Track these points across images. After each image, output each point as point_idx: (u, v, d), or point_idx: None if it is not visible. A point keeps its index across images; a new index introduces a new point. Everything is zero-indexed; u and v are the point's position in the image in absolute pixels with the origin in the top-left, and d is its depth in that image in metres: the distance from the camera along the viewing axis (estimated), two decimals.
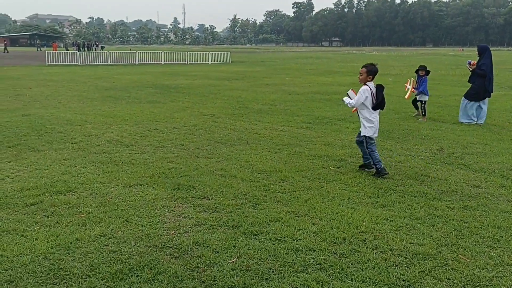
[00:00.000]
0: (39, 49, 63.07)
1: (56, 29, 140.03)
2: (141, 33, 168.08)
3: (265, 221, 4.30)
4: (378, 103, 5.76)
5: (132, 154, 6.86)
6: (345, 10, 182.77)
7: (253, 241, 3.89)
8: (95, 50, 60.08)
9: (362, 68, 5.83)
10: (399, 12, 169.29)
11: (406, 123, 10.02)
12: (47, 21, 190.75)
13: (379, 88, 5.77)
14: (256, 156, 6.79)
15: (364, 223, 4.29)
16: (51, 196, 4.90)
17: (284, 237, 3.97)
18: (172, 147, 7.37)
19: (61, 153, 6.87)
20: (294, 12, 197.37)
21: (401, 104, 12.55)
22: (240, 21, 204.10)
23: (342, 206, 4.75)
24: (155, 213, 4.47)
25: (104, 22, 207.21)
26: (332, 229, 4.16)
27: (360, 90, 5.82)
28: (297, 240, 3.91)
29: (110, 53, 37.76)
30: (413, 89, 10.29)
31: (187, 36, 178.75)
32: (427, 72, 10.42)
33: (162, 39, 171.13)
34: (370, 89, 5.76)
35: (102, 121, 9.73)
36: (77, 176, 5.65)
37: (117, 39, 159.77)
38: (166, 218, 4.36)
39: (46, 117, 10.11)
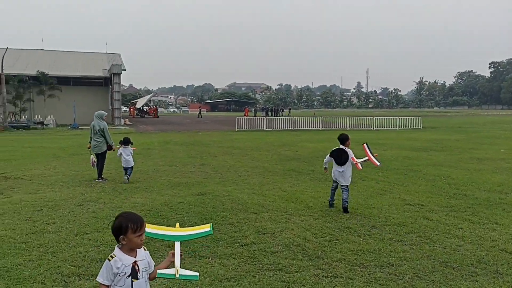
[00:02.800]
0: (255, 114, 68.87)
1: (249, 95, 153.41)
2: (325, 97, 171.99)
3: None
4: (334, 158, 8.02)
5: (319, 278, 4.71)
6: None
7: None
8: (282, 115, 62.42)
9: None
10: None
11: None
12: (243, 89, 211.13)
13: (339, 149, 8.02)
14: None
15: None
16: None
17: None
18: (376, 269, 4.99)
19: (226, 264, 5.12)
20: (490, 73, 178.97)
21: None
22: (427, 83, 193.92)
23: None
24: None
25: (292, 88, 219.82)
26: None
27: None
28: None
29: (295, 118, 37.85)
30: None
31: (370, 100, 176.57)
32: None
33: (345, 103, 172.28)
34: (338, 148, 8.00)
35: (282, 208, 7.95)
36: None
37: (303, 103, 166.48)
38: None
39: (221, 197, 8.83)
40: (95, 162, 11.53)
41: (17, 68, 43.31)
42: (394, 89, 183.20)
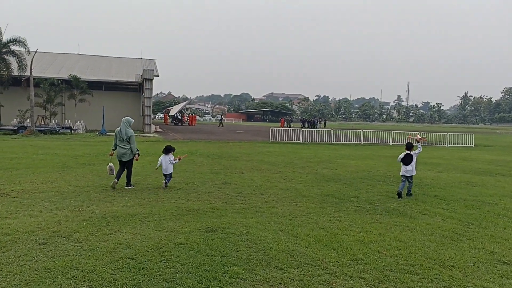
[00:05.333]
0: (288, 125, 66.91)
1: (286, 106, 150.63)
2: (364, 110, 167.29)
3: None
4: (402, 159, 10.45)
5: None
6: None
7: None
8: (318, 127, 59.80)
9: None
10: None
11: None
12: (280, 99, 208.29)
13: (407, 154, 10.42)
14: None
15: None
16: None
17: None
18: None
19: None
20: None
21: None
22: (472, 98, 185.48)
23: None
24: None
25: (329, 99, 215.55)
26: None
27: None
28: None
29: (333, 131, 35.20)
30: None
31: (410, 114, 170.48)
32: None
33: (384, 116, 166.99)
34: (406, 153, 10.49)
35: (319, 260, 5.59)
36: None
37: (340, 116, 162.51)
38: None
39: (237, 236, 6.56)
40: (112, 169, 11.04)
41: (51, 71, 42.76)
42: (436, 103, 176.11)
